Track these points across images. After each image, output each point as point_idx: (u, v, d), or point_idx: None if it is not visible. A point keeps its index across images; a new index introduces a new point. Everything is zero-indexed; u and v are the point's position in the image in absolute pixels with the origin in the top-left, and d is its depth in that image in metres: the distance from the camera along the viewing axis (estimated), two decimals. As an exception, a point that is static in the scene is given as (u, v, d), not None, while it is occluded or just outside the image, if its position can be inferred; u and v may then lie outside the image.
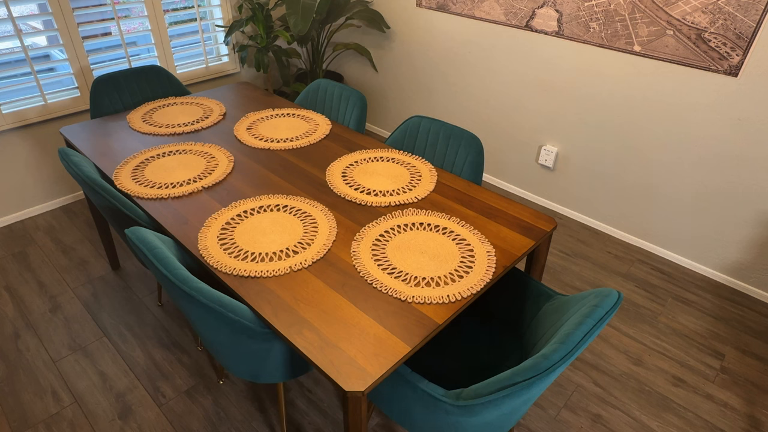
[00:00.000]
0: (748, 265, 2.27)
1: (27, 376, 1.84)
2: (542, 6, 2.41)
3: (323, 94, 2.36)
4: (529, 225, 1.52)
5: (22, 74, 2.45)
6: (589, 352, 1.99)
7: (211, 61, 3.12)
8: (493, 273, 1.33)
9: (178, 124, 2.08)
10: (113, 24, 2.59)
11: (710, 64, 2.04)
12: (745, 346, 2.04)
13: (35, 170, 2.64)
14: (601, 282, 2.35)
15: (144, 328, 2.04)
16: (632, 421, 1.74)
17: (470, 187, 1.71)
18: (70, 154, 1.68)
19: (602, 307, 1.08)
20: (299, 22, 2.67)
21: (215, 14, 3.05)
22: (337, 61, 3.61)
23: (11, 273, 2.31)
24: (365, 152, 1.90)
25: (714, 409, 1.79)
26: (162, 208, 1.56)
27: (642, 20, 2.14)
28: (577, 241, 2.62)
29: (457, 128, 1.90)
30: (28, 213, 2.69)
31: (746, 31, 1.90)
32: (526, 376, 0.96)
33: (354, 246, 1.41)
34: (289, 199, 1.61)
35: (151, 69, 2.38)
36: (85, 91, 2.63)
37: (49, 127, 2.60)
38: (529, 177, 2.91)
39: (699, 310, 2.21)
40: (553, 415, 1.75)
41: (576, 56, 2.41)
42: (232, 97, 2.38)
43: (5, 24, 2.27)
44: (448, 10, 2.78)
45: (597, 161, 2.57)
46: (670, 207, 2.41)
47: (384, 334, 1.15)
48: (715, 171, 2.20)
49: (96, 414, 1.72)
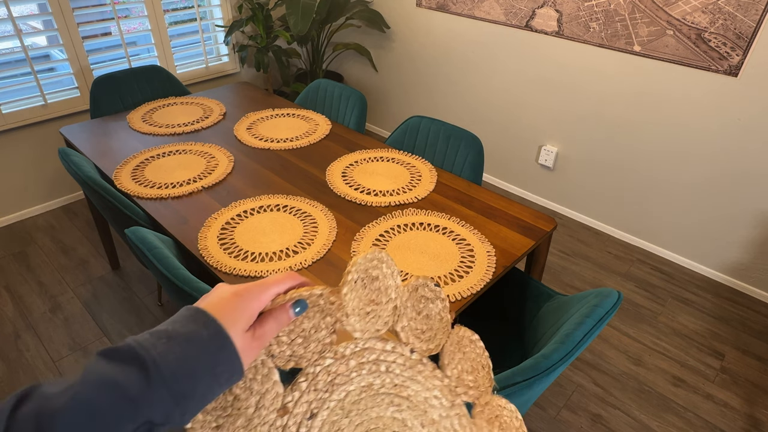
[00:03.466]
0: (748, 265, 2.27)
1: (27, 376, 1.84)
2: (542, 6, 2.41)
3: (323, 94, 2.36)
4: (529, 225, 1.52)
5: (22, 74, 2.45)
6: (589, 352, 1.99)
7: (211, 61, 3.12)
8: (493, 273, 1.33)
9: (178, 124, 2.08)
10: (113, 24, 2.59)
11: (710, 64, 2.04)
12: (745, 346, 2.04)
13: (35, 170, 2.64)
14: (601, 282, 2.35)
15: (144, 328, 2.04)
16: (632, 421, 1.74)
17: (470, 187, 1.71)
18: (70, 154, 1.68)
19: (602, 307, 1.08)
20: (299, 22, 2.67)
21: (215, 14, 3.05)
22: (337, 61, 3.61)
23: (11, 273, 2.31)
24: (365, 152, 1.90)
25: (714, 409, 1.79)
26: (162, 208, 1.56)
27: (642, 20, 2.14)
28: (577, 241, 2.62)
29: (457, 128, 1.90)
30: (28, 213, 2.69)
31: (746, 31, 1.90)
32: (526, 376, 0.96)
33: (354, 246, 1.41)
34: (289, 199, 1.61)
35: (151, 69, 2.38)
36: (85, 91, 2.63)
37: (49, 127, 2.60)
38: (529, 177, 2.91)
39: (699, 310, 2.21)
40: (553, 415, 1.75)
41: (576, 56, 2.41)
42: (232, 97, 2.38)
43: (5, 24, 2.27)
44: (448, 10, 2.78)
45: (597, 161, 2.57)
46: (670, 207, 2.41)
47: (384, 334, 1.15)
48: (715, 171, 2.20)
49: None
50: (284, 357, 0.48)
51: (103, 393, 0.35)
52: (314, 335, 0.49)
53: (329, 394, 0.49)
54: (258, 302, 0.44)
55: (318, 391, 0.49)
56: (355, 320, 0.51)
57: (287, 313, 0.46)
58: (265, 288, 0.45)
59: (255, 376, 0.46)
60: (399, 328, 0.54)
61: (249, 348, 0.43)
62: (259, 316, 0.45)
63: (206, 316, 0.41)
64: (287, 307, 0.46)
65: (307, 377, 0.49)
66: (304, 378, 0.49)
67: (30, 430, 0.32)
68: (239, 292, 0.44)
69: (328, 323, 0.50)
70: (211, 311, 0.41)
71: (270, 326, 0.45)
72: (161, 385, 0.37)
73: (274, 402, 0.47)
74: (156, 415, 0.36)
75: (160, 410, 0.37)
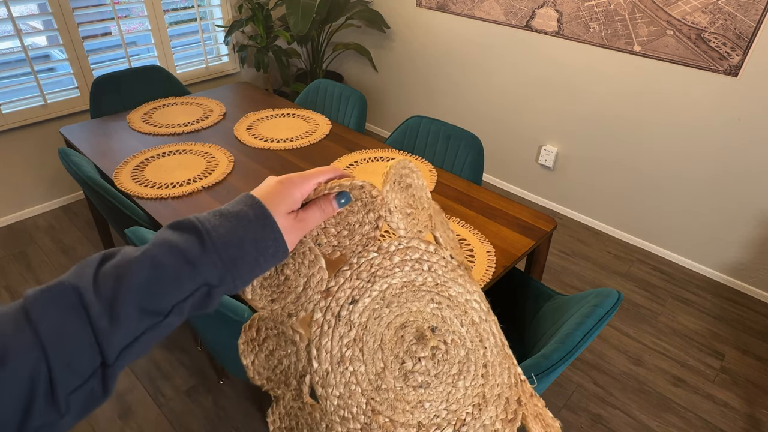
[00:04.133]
0: (748, 265, 2.27)
1: (27, 376, 1.84)
2: (542, 6, 2.41)
3: (323, 94, 2.36)
4: (529, 225, 1.52)
5: (22, 74, 2.45)
6: (589, 352, 1.99)
7: (211, 61, 3.12)
8: (493, 273, 1.33)
9: (178, 124, 2.08)
10: (113, 24, 2.59)
11: (710, 64, 2.04)
12: (745, 346, 2.04)
13: (35, 170, 2.64)
14: (601, 282, 2.35)
15: (144, 328, 2.04)
16: (632, 421, 1.74)
17: (470, 187, 1.71)
18: (70, 154, 1.68)
19: (602, 307, 1.08)
20: (299, 22, 2.67)
21: (215, 14, 3.05)
22: (337, 61, 3.61)
23: (11, 273, 2.31)
24: (365, 152, 1.90)
25: (714, 409, 1.79)
26: (162, 208, 1.56)
27: (642, 20, 2.14)
28: (577, 241, 2.62)
29: (457, 128, 1.90)
30: (28, 213, 2.69)
31: (746, 31, 1.90)
32: (525, 375, 0.96)
33: (354, 246, 1.41)
34: (289, 199, 1.61)
35: (151, 69, 2.38)
36: (85, 91, 2.63)
37: (49, 127, 2.60)
38: (529, 177, 2.91)
39: (699, 310, 2.21)
40: (553, 415, 1.75)
41: (576, 56, 2.41)
42: (232, 97, 2.38)
43: (5, 24, 2.27)
44: (448, 10, 2.78)
45: (597, 161, 2.57)
46: (669, 207, 2.41)
47: (384, 334, 1.14)
48: (715, 171, 2.20)
49: (96, 414, 1.72)
50: (330, 246, 0.53)
51: (167, 253, 0.42)
52: (358, 229, 0.54)
53: (371, 284, 0.52)
54: (299, 189, 0.50)
55: (361, 280, 0.52)
56: (398, 218, 0.54)
57: (331, 203, 0.52)
58: (307, 178, 0.51)
59: (303, 261, 0.53)
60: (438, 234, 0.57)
61: (292, 228, 0.49)
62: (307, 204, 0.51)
63: (253, 199, 0.48)
64: (330, 198, 0.52)
65: (351, 266, 0.53)
66: (347, 267, 0.53)
67: (111, 276, 0.40)
68: (283, 181, 0.50)
69: (372, 219, 0.53)
70: (258, 196, 0.48)
71: (313, 212, 0.51)
72: (213, 251, 0.44)
73: (319, 285, 0.52)
74: (211, 277, 0.44)
75: (214, 273, 0.44)
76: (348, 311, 0.51)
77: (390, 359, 0.51)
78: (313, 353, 0.50)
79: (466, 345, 0.53)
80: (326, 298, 0.52)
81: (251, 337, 0.55)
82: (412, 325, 0.52)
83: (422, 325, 0.52)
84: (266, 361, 0.55)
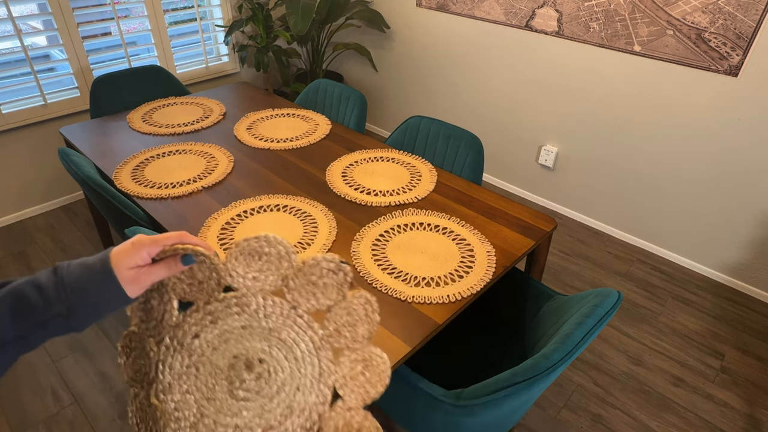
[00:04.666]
0: (748, 265, 2.27)
1: (27, 376, 1.84)
2: (542, 6, 2.41)
3: (323, 94, 2.36)
4: (529, 225, 1.52)
5: (22, 74, 2.45)
6: (589, 352, 1.99)
7: (211, 61, 3.12)
8: (493, 273, 1.33)
9: (178, 124, 2.08)
10: (113, 24, 2.59)
11: (710, 64, 2.04)
12: (745, 346, 2.04)
13: (35, 170, 2.64)
14: (601, 282, 2.35)
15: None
16: (632, 421, 1.74)
17: (470, 187, 1.71)
18: (70, 154, 1.68)
19: (602, 307, 1.08)
20: (299, 22, 2.67)
21: (215, 14, 3.05)
22: (337, 61, 3.61)
23: (11, 273, 2.31)
24: (365, 152, 1.90)
25: (714, 409, 1.79)
26: (162, 208, 1.56)
27: (642, 20, 2.14)
28: (577, 241, 2.62)
29: (457, 128, 1.90)
30: (28, 213, 2.69)
31: (746, 31, 1.90)
32: (526, 376, 0.96)
33: (354, 246, 1.41)
34: (289, 199, 1.61)
35: (151, 69, 2.38)
36: (85, 91, 2.63)
37: (49, 127, 2.60)
38: (529, 177, 2.91)
39: (699, 310, 2.21)
40: (553, 415, 1.75)
41: (576, 56, 2.41)
42: (232, 97, 2.38)
43: (5, 24, 2.27)
44: (448, 9, 2.78)
45: (597, 161, 2.57)
46: (670, 207, 2.41)
47: (384, 334, 1.15)
48: (715, 170, 2.20)
49: (96, 414, 1.72)
50: (181, 292, 0.68)
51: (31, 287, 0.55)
52: (206, 284, 0.68)
53: (213, 324, 0.69)
54: (147, 249, 0.60)
55: (204, 320, 0.69)
56: (240, 281, 0.68)
57: (177, 262, 0.63)
58: (155, 241, 0.61)
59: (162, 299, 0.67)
60: (286, 291, 0.70)
61: (135, 279, 0.59)
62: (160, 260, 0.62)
63: (106, 255, 0.59)
64: (177, 258, 0.63)
65: (198, 310, 0.69)
66: (195, 309, 0.69)
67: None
68: (134, 242, 0.60)
69: (215, 278, 0.67)
70: (112, 252, 0.59)
71: (159, 267, 0.62)
72: (63, 291, 0.56)
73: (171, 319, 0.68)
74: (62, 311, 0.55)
75: (63, 308, 0.55)
76: (190, 341, 0.68)
77: (221, 378, 0.68)
78: (160, 368, 0.67)
79: (286, 373, 0.69)
80: (176, 329, 0.68)
81: (125, 343, 0.70)
82: (244, 356, 0.69)
83: (252, 357, 0.69)
84: (132, 364, 0.70)
